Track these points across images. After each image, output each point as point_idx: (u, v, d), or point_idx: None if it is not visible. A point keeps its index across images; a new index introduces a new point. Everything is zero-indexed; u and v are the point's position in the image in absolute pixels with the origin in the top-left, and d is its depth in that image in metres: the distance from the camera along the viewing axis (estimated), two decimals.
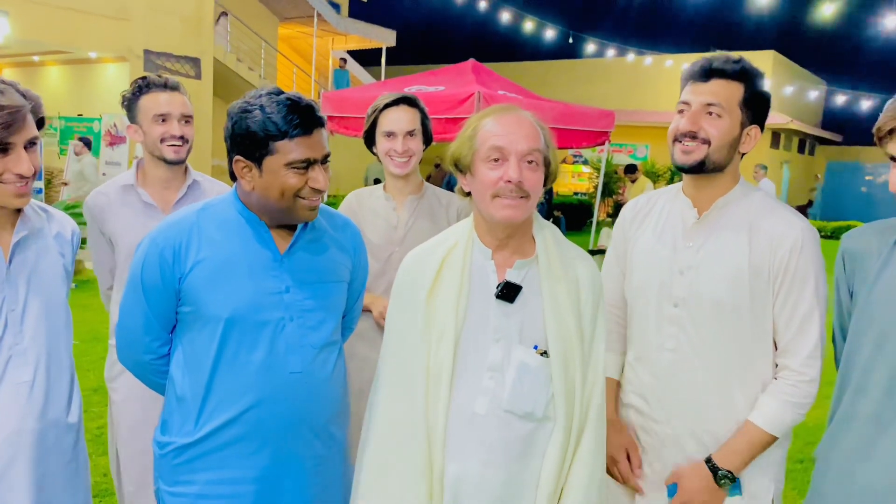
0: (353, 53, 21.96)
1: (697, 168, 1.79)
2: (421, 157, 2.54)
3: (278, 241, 1.73)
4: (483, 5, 17.82)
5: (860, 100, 20.02)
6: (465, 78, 8.97)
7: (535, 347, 1.56)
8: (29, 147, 1.61)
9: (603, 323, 1.65)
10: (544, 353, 1.55)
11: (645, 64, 21.66)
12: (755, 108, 1.79)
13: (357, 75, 20.65)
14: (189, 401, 1.69)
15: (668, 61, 21.12)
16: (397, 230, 2.50)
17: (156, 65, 13.02)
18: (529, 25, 18.38)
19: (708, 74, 1.78)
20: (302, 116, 1.61)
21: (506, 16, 17.90)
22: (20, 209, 1.70)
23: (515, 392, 1.53)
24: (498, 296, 1.56)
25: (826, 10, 12.52)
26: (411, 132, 2.47)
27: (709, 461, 1.77)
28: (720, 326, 1.78)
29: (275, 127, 1.59)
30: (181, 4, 13.56)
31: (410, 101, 2.50)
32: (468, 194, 1.63)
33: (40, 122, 1.67)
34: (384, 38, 20.97)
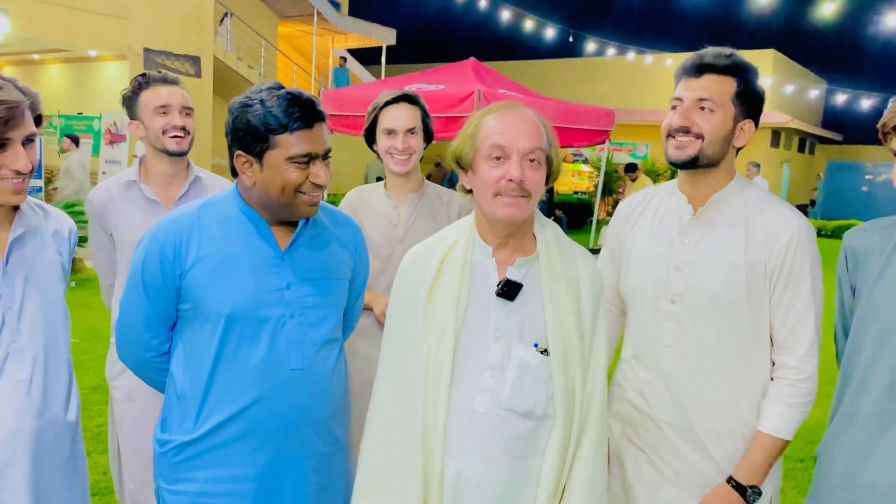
0: (354, 52, 21.96)
1: (691, 163, 1.79)
2: (422, 155, 2.54)
3: (279, 238, 1.72)
4: (483, 4, 17.80)
5: (860, 99, 20.02)
6: (466, 77, 8.98)
7: (536, 346, 1.55)
8: (27, 143, 1.60)
9: (603, 322, 1.64)
10: (544, 352, 1.54)
11: (645, 63, 21.67)
12: (748, 103, 1.79)
13: (357, 74, 20.65)
14: (189, 398, 1.69)
15: (669, 60, 21.10)
16: (398, 228, 2.49)
17: (155, 63, 13.02)
18: (530, 24, 18.38)
19: (700, 70, 1.78)
20: (303, 110, 1.60)
21: (506, 14, 17.90)
22: (17, 206, 1.69)
23: (516, 390, 1.52)
24: (499, 294, 1.56)
25: (827, 10, 12.52)
26: (412, 130, 2.47)
27: (730, 481, 1.75)
28: (717, 322, 1.78)
29: (275, 120, 1.59)
30: (181, 3, 13.55)
31: (411, 99, 2.50)
32: (469, 192, 1.63)
33: (38, 120, 1.66)
34: (384, 37, 20.97)
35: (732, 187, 1.83)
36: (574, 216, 17.27)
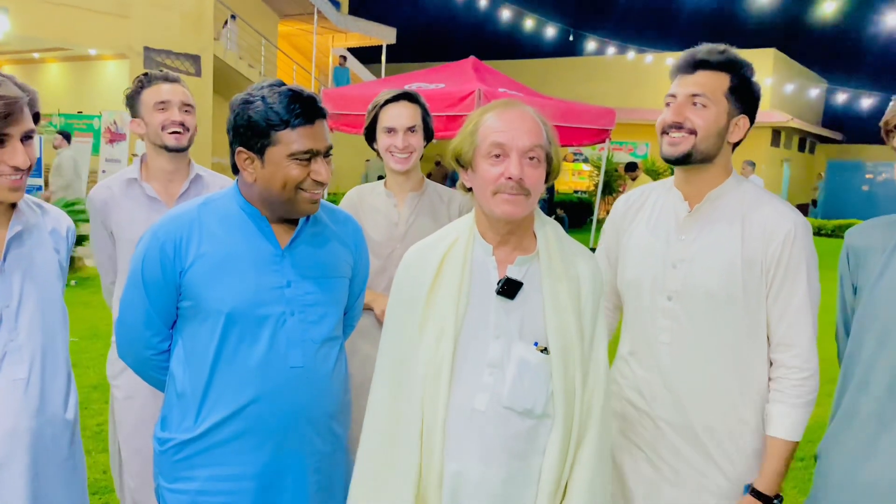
0: (354, 51, 21.97)
1: (685, 159, 1.79)
2: (422, 154, 2.53)
3: (280, 236, 1.72)
4: (484, 3, 17.80)
5: (861, 98, 20.01)
6: (466, 75, 8.99)
7: (536, 344, 1.55)
8: (25, 140, 1.60)
9: (603, 321, 1.64)
10: (544, 350, 1.54)
11: (646, 62, 21.67)
12: (743, 98, 1.79)
13: (357, 73, 20.66)
14: (189, 396, 1.69)
15: (669, 59, 20.95)
16: (398, 227, 2.49)
17: (156, 62, 13.02)
18: (530, 23, 18.38)
19: (693, 66, 1.79)
20: (304, 106, 1.60)
21: (506, 13, 17.89)
22: (14, 204, 1.69)
23: (515, 388, 1.52)
24: (499, 292, 1.55)
25: (827, 9, 12.51)
26: (412, 128, 2.46)
27: (753, 492, 1.76)
28: (714, 319, 1.78)
29: (277, 116, 1.59)
30: (181, 1, 13.55)
31: (411, 98, 2.50)
32: (469, 190, 1.62)
33: (36, 117, 1.65)
34: (384, 36, 20.98)
35: (729, 184, 1.83)
36: (574, 215, 17.27)
